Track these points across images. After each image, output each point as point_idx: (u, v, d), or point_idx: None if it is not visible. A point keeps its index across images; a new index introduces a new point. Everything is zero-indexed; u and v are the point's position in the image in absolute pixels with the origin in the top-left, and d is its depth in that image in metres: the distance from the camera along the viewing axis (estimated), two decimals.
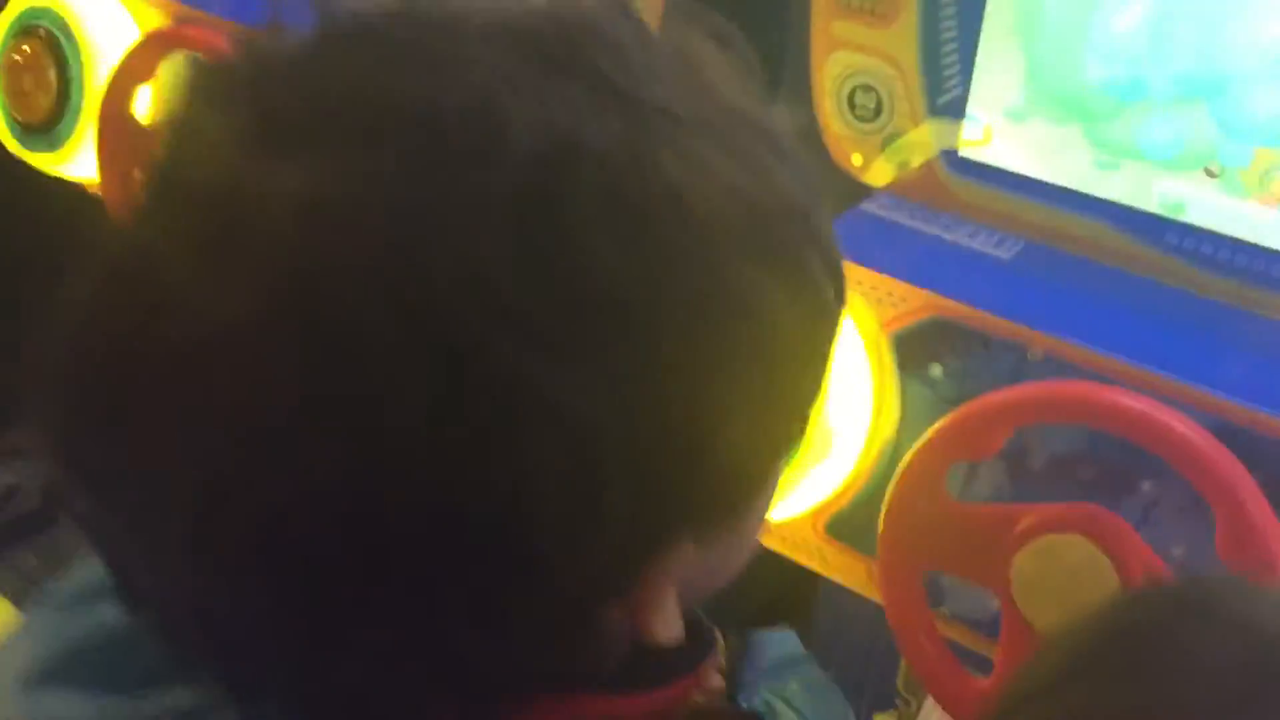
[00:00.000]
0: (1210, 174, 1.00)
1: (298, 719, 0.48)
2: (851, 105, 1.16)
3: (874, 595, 1.03)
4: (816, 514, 1.07)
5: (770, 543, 1.07)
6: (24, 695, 0.48)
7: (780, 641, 0.80)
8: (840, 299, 0.53)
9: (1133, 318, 1.02)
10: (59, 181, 1.48)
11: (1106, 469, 0.95)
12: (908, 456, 0.95)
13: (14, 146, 1.50)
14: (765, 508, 0.56)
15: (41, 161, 1.47)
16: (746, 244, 0.45)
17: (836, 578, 1.09)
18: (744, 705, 0.73)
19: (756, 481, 0.52)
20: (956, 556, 0.94)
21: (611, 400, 0.42)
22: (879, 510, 0.98)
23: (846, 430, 1.05)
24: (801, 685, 0.78)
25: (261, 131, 0.42)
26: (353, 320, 0.40)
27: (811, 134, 1.14)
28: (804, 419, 0.52)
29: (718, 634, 0.58)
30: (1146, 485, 0.93)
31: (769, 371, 0.47)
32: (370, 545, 0.42)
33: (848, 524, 1.06)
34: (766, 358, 0.46)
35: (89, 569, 0.51)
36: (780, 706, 0.75)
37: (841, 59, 1.14)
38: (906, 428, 1.02)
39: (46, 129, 1.44)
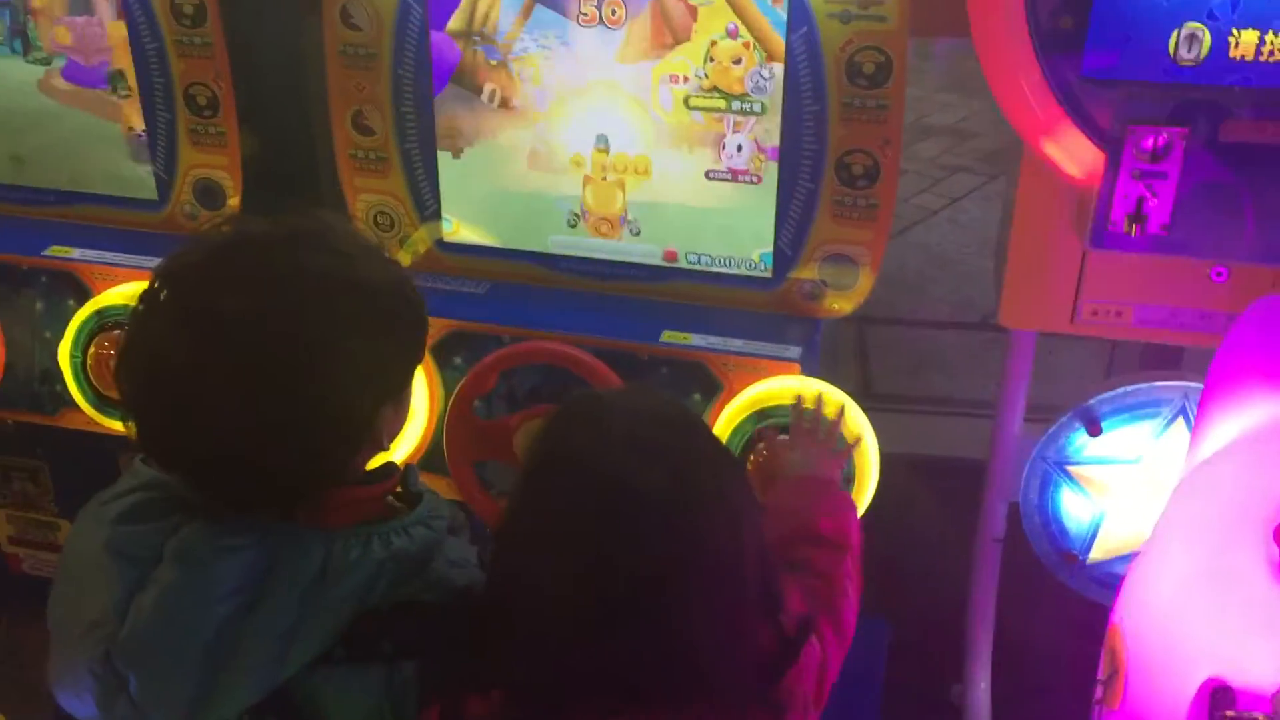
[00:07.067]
0: (571, 223, 1.90)
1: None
2: (376, 223, 1.96)
3: (455, 496, 1.81)
4: (410, 457, 1.84)
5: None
6: (112, 527, 1.12)
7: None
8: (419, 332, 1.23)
9: (548, 309, 1.88)
10: None
11: (552, 386, 1.79)
12: (451, 401, 1.75)
13: (93, 414, 2.02)
14: (408, 400, 1.26)
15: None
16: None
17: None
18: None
19: (398, 388, 1.22)
20: (485, 449, 1.76)
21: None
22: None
23: (418, 404, 1.83)
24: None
25: None
26: None
27: None
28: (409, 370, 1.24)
29: (398, 466, 1.29)
30: (573, 390, 1.79)
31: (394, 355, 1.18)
32: None
33: (432, 456, 1.84)
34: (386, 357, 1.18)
35: (126, 479, 1.16)
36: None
37: (364, 199, 1.95)
38: (446, 392, 1.83)
39: None
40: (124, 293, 1.96)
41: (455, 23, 1.81)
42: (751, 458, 1.69)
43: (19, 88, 2.10)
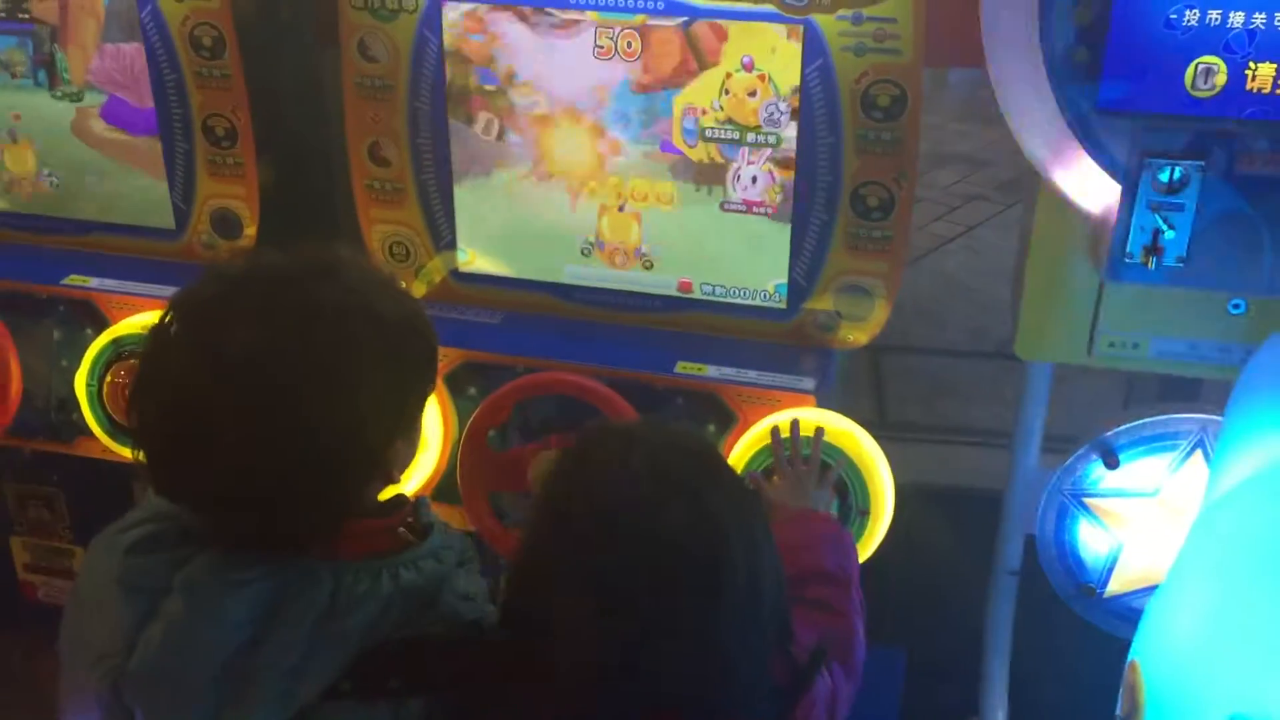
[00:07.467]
0: (585, 253, 1.90)
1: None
2: (392, 253, 1.97)
3: (468, 526, 1.81)
4: (424, 487, 1.83)
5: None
6: (123, 558, 1.12)
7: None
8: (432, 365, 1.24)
9: (563, 339, 1.88)
10: None
11: (567, 417, 1.79)
12: (465, 431, 1.75)
13: (108, 442, 2.02)
14: (418, 432, 1.26)
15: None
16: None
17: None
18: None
19: (410, 421, 1.23)
20: (499, 480, 1.76)
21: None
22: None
23: (431, 435, 1.83)
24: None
25: None
26: None
27: None
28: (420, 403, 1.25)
29: (408, 498, 1.29)
30: (587, 421, 1.78)
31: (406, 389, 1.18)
32: None
33: (446, 486, 1.84)
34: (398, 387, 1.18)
35: (139, 510, 1.16)
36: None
37: (380, 229, 1.96)
38: (460, 422, 1.83)
39: None
40: (141, 322, 1.97)
41: (448, 43, 1.81)
42: None
43: (47, 130, 2.09)
